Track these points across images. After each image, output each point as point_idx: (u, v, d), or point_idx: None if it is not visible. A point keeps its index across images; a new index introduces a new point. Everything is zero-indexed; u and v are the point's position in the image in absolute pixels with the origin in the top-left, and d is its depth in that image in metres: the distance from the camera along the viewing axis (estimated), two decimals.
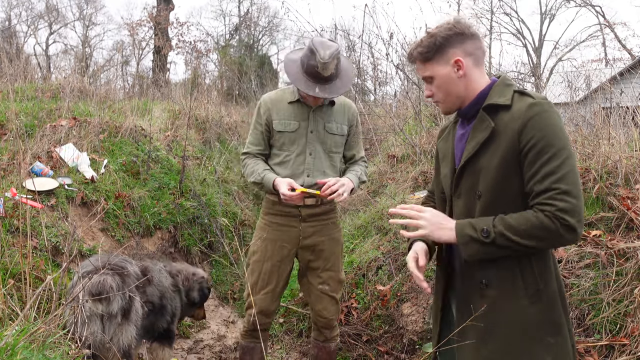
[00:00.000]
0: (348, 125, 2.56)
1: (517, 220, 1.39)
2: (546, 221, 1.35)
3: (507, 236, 1.38)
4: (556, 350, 1.45)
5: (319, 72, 2.26)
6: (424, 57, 1.55)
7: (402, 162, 5.11)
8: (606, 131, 3.54)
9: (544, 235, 1.36)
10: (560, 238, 1.36)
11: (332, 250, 2.55)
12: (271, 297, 2.51)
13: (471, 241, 1.43)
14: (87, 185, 3.99)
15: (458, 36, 1.52)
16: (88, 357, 2.11)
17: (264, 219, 2.58)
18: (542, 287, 1.46)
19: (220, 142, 6.75)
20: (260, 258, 2.51)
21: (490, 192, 1.46)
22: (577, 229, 1.35)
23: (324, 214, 2.54)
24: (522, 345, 1.46)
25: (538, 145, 1.38)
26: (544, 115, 1.40)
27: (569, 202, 1.34)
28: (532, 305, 1.46)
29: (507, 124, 1.44)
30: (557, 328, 1.47)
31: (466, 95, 1.56)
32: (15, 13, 25.45)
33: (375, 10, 14.61)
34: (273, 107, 2.48)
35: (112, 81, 9.62)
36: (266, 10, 28.01)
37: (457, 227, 1.47)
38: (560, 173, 1.36)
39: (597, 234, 2.76)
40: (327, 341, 2.64)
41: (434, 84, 1.57)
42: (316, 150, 2.46)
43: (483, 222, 1.43)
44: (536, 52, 24.27)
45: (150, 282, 2.65)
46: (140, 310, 2.41)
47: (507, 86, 1.52)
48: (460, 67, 1.52)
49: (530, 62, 19.27)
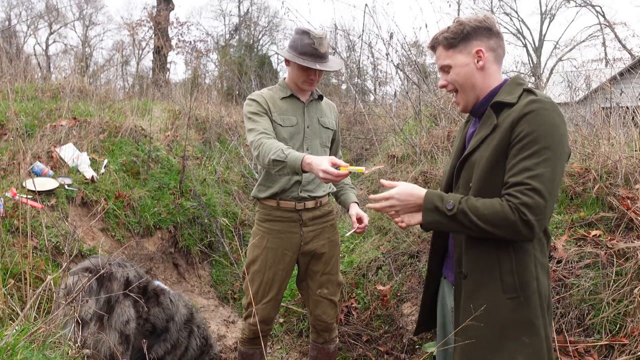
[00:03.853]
0: (335, 122, 2.59)
1: (484, 204, 1.42)
2: (508, 212, 1.37)
3: (468, 216, 1.41)
4: (530, 351, 1.45)
5: (316, 48, 2.29)
6: (449, 43, 1.56)
7: (402, 162, 5.11)
8: (606, 131, 3.54)
9: (502, 224, 1.38)
10: (516, 231, 1.38)
11: (331, 254, 2.54)
12: (272, 305, 2.48)
13: (434, 210, 1.47)
14: (87, 185, 3.99)
15: (485, 30, 1.55)
16: (88, 357, 2.09)
17: (261, 227, 2.47)
18: (520, 284, 1.46)
19: (220, 142, 6.74)
20: (261, 268, 2.44)
21: (479, 182, 1.49)
22: (534, 227, 1.37)
23: (323, 216, 2.52)
24: (497, 340, 1.47)
25: (525, 139, 1.40)
26: (540, 112, 1.40)
27: (534, 199, 1.36)
28: (509, 302, 1.46)
29: (504, 119, 1.47)
30: (533, 329, 1.46)
31: (481, 89, 1.57)
32: (15, 13, 25.48)
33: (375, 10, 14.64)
34: (269, 101, 2.44)
35: (112, 81, 9.63)
36: (266, 10, 28.06)
37: (427, 194, 1.50)
38: (536, 170, 1.37)
39: (597, 234, 2.76)
40: (326, 343, 2.63)
41: (451, 72, 1.58)
42: (313, 145, 2.45)
43: (452, 197, 1.47)
44: (536, 52, 24.29)
45: (160, 303, 2.53)
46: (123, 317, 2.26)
47: (517, 85, 1.54)
48: (481, 57, 1.54)
49: (530, 62, 19.30)
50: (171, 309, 2.61)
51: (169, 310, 2.59)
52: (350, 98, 8.07)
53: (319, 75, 2.39)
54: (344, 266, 3.74)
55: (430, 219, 1.48)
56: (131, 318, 2.32)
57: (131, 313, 2.32)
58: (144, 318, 2.44)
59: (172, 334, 2.62)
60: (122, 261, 2.51)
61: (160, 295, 2.57)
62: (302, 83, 2.39)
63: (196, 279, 4.57)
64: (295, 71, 2.38)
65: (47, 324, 1.77)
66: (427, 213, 1.48)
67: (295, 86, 2.46)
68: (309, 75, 2.36)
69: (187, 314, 2.77)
